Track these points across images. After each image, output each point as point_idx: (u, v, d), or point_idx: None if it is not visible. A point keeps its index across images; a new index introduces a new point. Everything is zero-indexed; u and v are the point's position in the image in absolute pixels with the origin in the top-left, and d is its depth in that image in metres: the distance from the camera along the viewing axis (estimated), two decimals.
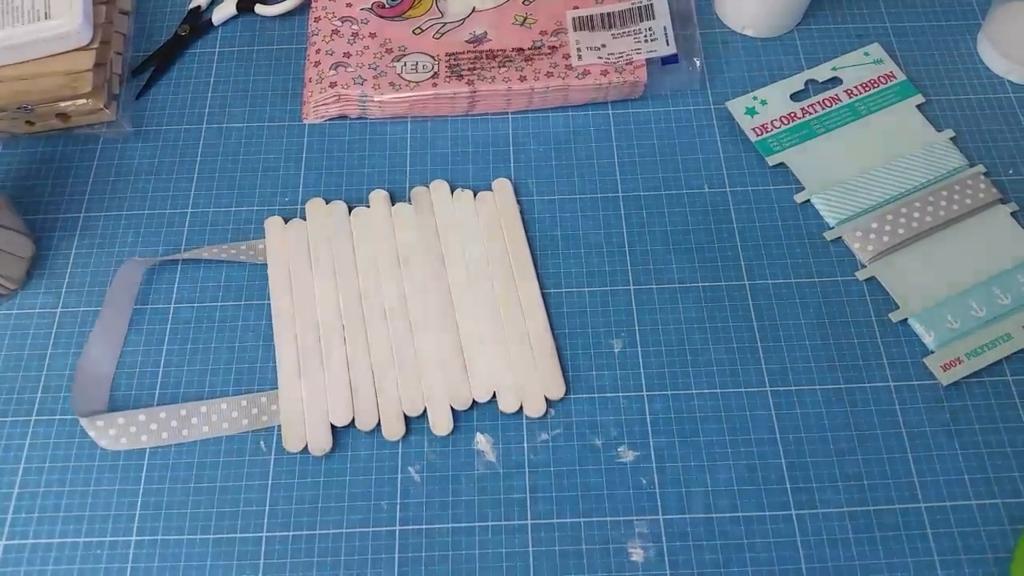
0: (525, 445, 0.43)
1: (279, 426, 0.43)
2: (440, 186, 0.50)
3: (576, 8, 0.54)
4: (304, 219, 0.49)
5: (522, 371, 0.44)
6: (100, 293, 0.48)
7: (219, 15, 0.57)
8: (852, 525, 0.41)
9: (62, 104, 0.50)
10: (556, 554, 0.40)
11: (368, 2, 0.55)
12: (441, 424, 0.43)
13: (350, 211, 0.49)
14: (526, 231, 0.49)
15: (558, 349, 0.45)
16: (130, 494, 0.42)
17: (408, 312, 0.46)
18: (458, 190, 0.50)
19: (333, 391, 0.44)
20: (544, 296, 0.47)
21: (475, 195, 0.50)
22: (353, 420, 0.43)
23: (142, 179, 0.51)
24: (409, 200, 0.50)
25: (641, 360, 0.45)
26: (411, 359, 0.45)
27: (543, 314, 0.46)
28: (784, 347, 0.45)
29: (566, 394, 0.44)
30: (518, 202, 0.50)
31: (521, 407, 0.43)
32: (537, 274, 0.47)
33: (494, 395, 0.44)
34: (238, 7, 0.57)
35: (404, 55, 0.53)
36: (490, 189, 0.50)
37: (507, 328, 0.46)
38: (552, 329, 0.46)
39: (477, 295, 0.47)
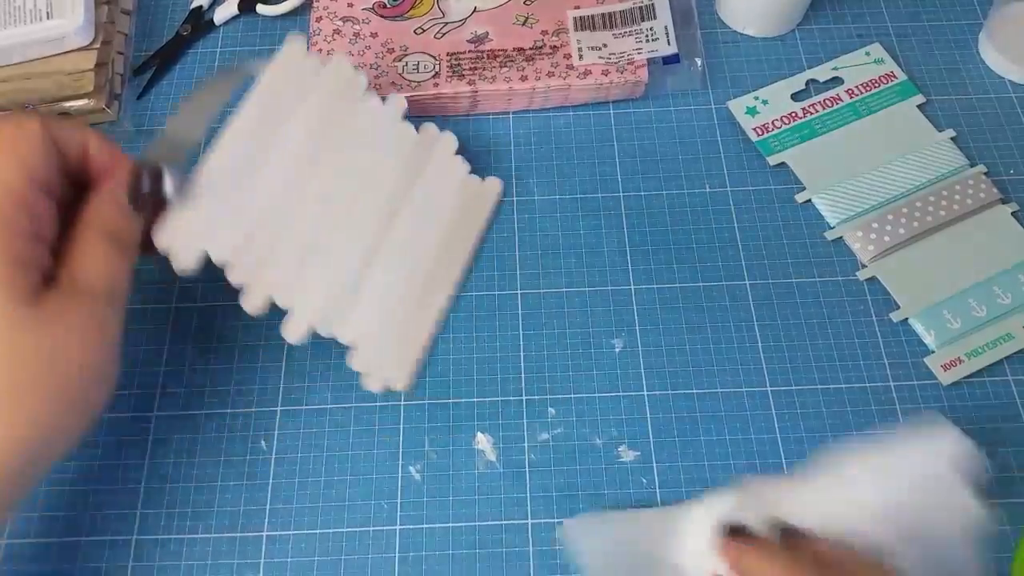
0: (525, 445, 0.43)
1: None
2: (448, 139, 0.49)
3: (577, 8, 0.54)
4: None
5: (389, 337, 0.44)
6: None
7: (221, 15, 0.57)
8: None
9: (64, 104, 0.50)
10: (556, 553, 0.40)
11: (370, 2, 0.55)
12: (294, 331, 0.41)
13: None
14: (526, 231, 0.49)
15: (558, 349, 0.45)
16: (131, 493, 0.42)
17: (345, 211, 0.44)
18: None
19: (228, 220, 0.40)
20: (544, 295, 0.47)
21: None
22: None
23: None
24: (417, 130, 0.48)
25: (641, 360, 0.45)
26: (318, 251, 0.42)
27: (442, 307, 0.46)
28: (784, 347, 0.45)
29: (566, 394, 0.44)
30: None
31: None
32: (466, 273, 0.47)
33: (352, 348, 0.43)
34: (240, 7, 0.57)
35: (406, 55, 0.53)
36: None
37: (409, 292, 0.45)
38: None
39: (409, 250, 0.46)
